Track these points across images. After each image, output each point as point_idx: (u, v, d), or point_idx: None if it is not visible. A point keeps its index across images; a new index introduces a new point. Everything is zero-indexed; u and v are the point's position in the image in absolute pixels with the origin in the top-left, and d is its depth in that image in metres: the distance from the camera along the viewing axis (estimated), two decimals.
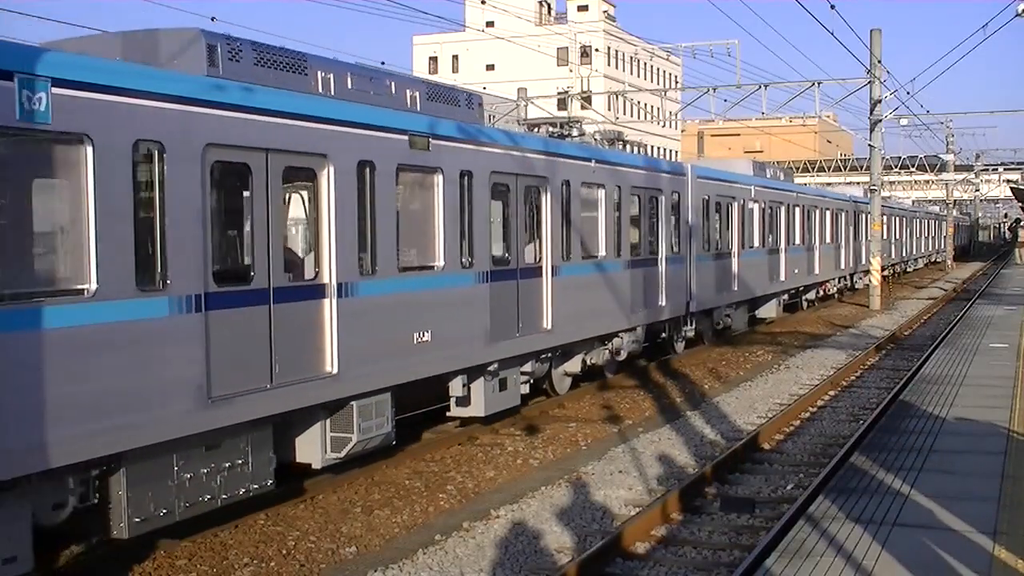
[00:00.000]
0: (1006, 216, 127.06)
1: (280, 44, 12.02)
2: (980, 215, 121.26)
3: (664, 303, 21.71)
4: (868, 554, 7.98)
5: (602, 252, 18.74)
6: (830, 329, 31.50)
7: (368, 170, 12.22)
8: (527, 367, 16.43)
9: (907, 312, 36.99)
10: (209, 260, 9.98)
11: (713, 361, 24.07)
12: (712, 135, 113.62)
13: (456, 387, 14.47)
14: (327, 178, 11.58)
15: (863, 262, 44.13)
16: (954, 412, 13.92)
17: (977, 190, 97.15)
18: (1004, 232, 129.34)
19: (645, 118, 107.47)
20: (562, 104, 69.57)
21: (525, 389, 16.49)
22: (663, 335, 22.97)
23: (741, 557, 9.83)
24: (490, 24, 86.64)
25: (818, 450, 14.82)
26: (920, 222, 69.87)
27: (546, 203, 16.65)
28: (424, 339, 13.24)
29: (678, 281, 22.54)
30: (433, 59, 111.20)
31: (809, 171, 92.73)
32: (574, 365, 18.44)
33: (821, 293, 39.01)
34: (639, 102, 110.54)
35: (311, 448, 11.88)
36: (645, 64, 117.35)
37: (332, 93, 12.11)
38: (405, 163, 13.03)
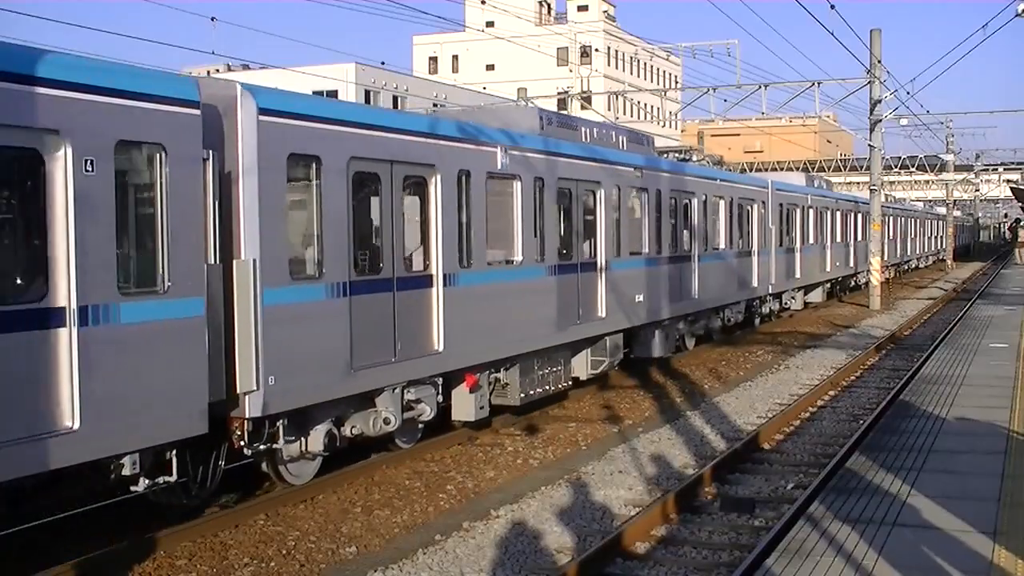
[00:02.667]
0: (1006, 216, 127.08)
1: (280, 44, 12.77)
2: (980, 215, 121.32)
3: (756, 285, 28.68)
4: (868, 554, 7.98)
5: (723, 246, 25.60)
6: (830, 329, 31.50)
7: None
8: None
9: (907, 312, 36.99)
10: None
11: (713, 361, 24.07)
12: (712, 135, 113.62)
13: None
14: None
15: (887, 257, 50.90)
16: (954, 412, 13.92)
17: (977, 190, 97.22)
18: (1004, 232, 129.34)
19: (645, 118, 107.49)
20: (562, 104, 69.60)
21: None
22: (753, 309, 29.80)
23: (741, 557, 9.83)
24: (490, 24, 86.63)
25: (818, 450, 14.82)
26: (927, 222, 72.70)
27: (696, 209, 23.68)
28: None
29: (762, 271, 29.09)
30: (433, 59, 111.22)
31: (809, 171, 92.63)
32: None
33: (853, 283, 44.12)
34: (639, 102, 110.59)
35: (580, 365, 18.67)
36: (645, 64, 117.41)
37: (587, 140, 18.79)
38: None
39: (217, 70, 67.10)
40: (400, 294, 12.98)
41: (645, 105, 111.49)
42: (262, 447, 11.13)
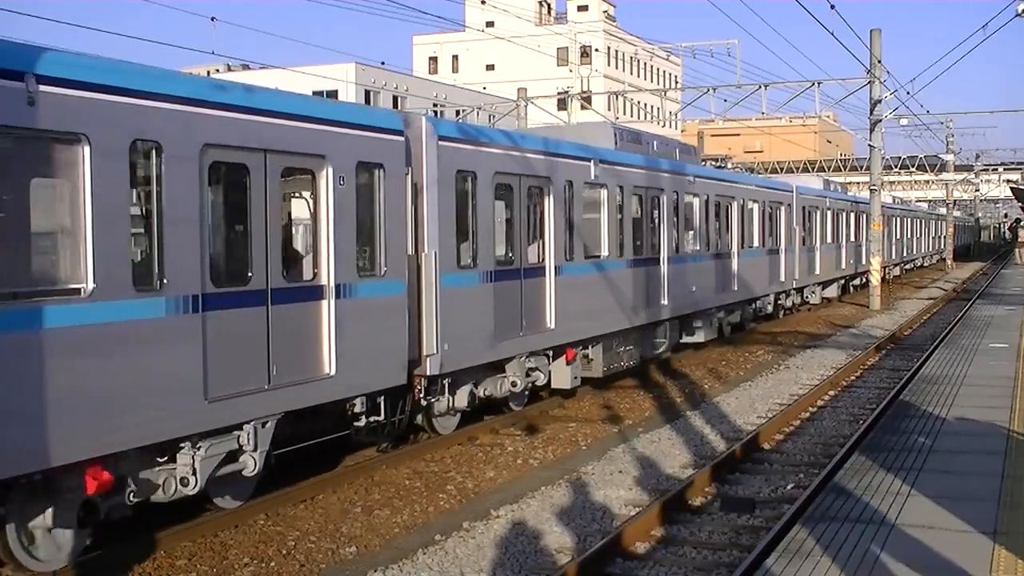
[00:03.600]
0: (1006, 216, 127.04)
1: (280, 44, 12.81)
2: (980, 215, 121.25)
3: (784, 279, 31.98)
4: (868, 554, 7.98)
5: (756, 244, 28.81)
6: (830, 329, 31.50)
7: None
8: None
9: (907, 312, 36.99)
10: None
11: (713, 361, 24.07)
12: (712, 135, 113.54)
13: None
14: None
15: (897, 255, 56.72)
16: (954, 412, 13.91)
17: (977, 190, 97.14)
18: (1004, 232, 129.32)
19: (645, 118, 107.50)
20: (562, 104, 69.59)
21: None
22: (779, 302, 32.69)
23: (741, 557, 9.83)
24: (490, 24, 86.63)
25: (818, 450, 14.82)
26: (930, 223, 74.95)
27: (735, 212, 26.62)
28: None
29: (788, 267, 32.20)
30: (433, 59, 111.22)
31: (809, 171, 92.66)
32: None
33: (864, 280, 45.72)
34: (639, 102, 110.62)
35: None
36: (645, 64, 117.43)
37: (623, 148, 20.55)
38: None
39: (217, 70, 67.07)
40: (526, 281, 16.21)
41: (645, 105, 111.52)
42: (433, 399, 14.29)
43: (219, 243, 11.02)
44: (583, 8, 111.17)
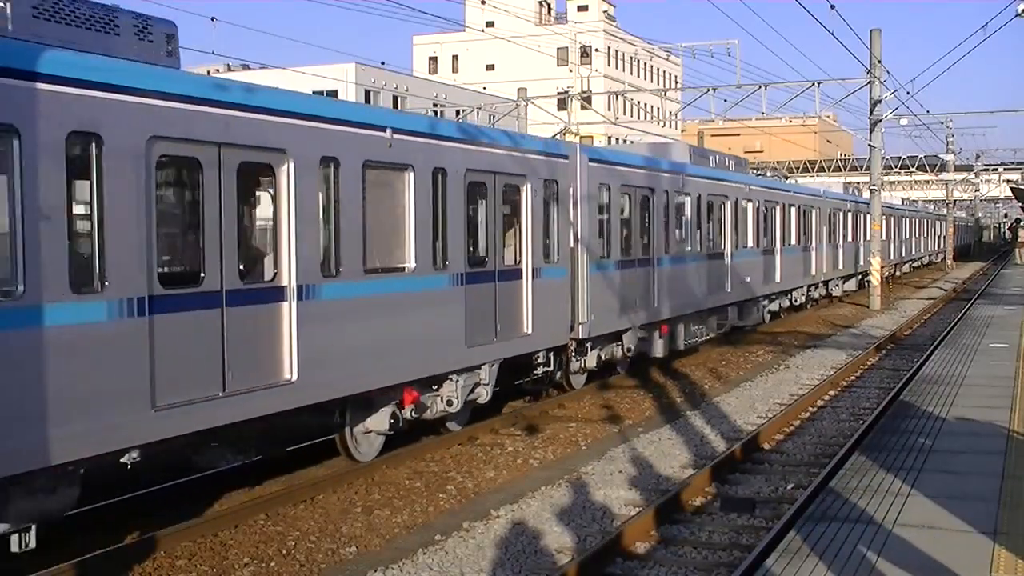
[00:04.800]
0: (1006, 216, 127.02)
1: (280, 44, 12.63)
2: (980, 215, 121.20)
3: (814, 273, 35.87)
4: (868, 554, 7.98)
5: (792, 242, 32.62)
6: (830, 329, 31.51)
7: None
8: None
9: (907, 312, 36.99)
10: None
11: (713, 361, 24.07)
12: (712, 135, 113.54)
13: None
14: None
15: (905, 254, 62.29)
16: (954, 412, 13.91)
17: (977, 190, 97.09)
18: (1004, 232, 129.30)
19: (645, 118, 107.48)
20: (562, 104, 69.59)
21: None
22: (809, 293, 36.53)
23: (741, 557, 9.83)
24: (490, 24, 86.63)
25: (818, 450, 14.82)
26: (936, 223, 77.86)
27: (778, 214, 30.82)
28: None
29: (817, 263, 36.18)
30: (433, 59, 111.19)
31: (809, 171, 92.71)
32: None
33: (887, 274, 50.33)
34: (639, 102, 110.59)
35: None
36: (645, 64, 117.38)
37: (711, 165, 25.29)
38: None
39: (217, 70, 67.01)
40: (638, 270, 20.47)
41: (645, 105, 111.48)
42: (580, 358, 18.52)
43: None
44: (583, 8, 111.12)
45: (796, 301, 34.89)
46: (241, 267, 10.75)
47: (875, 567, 7.69)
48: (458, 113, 51.21)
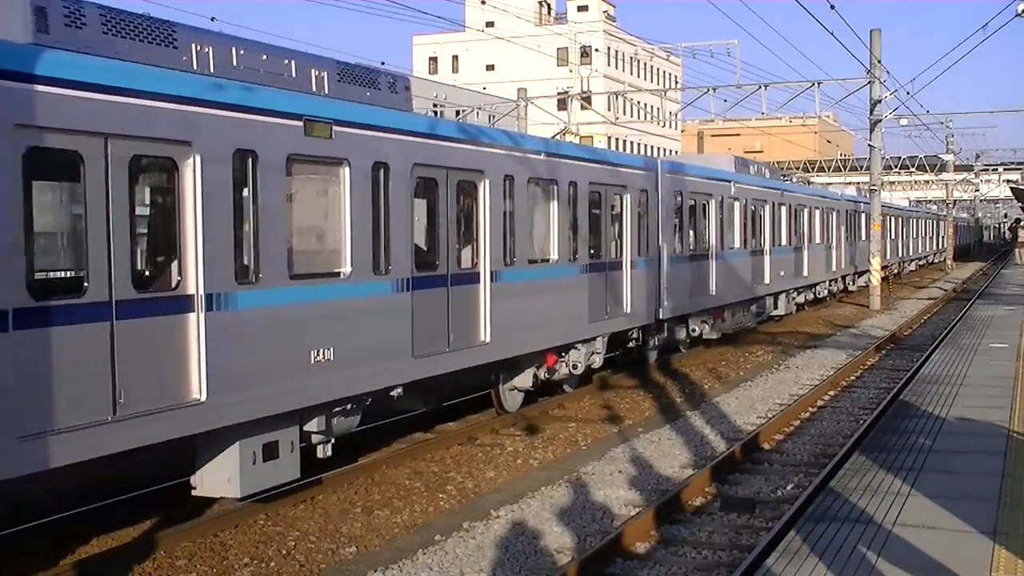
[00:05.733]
0: (1006, 216, 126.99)
1: (279, 44, 12.21)
2: (980, 215, 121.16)
3: (835, 268, 39.76)
4: (868, 554, 7.98)
5: (817, 240, 36.14)
6: (830, 329, 31.51)
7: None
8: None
9: (907, 312, 36.99)
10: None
11: (713, 361, 24.07)
12: (712, 135, 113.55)
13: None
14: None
15: (911, 252, 65.56)
16: (954, 412, 13.91)
17: (977, 190, 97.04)
18: (1004, 232, 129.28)
19: (645, 118, 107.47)
20: (562, 104, 69.56)
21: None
22: (830, 287, 40.16)
23: (741, 557, 9.83)
24: (490, 24, 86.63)
25: (818, 450, 14.81)
26: (940, 223, 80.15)
27: (806, 216, 34.69)
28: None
29: (838, 259, 40.09)
30: (433, 59, 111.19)
31: (809, 171, 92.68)
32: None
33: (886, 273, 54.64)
34: (639, 102, 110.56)
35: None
36: (645, 64, 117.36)
37: (734, 169, 28.02)
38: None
39: None
40: (700, 263, 23.80)
41: (645, 105, 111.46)
42: (657, 336, 21.97)
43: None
44: (583, 8, 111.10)
45: (819, 294, 38.25)
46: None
47: (875, 567, 7.68)
48: (458, 113, 51.18)
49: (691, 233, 23.39)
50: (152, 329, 9.44)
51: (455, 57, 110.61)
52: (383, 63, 24.40)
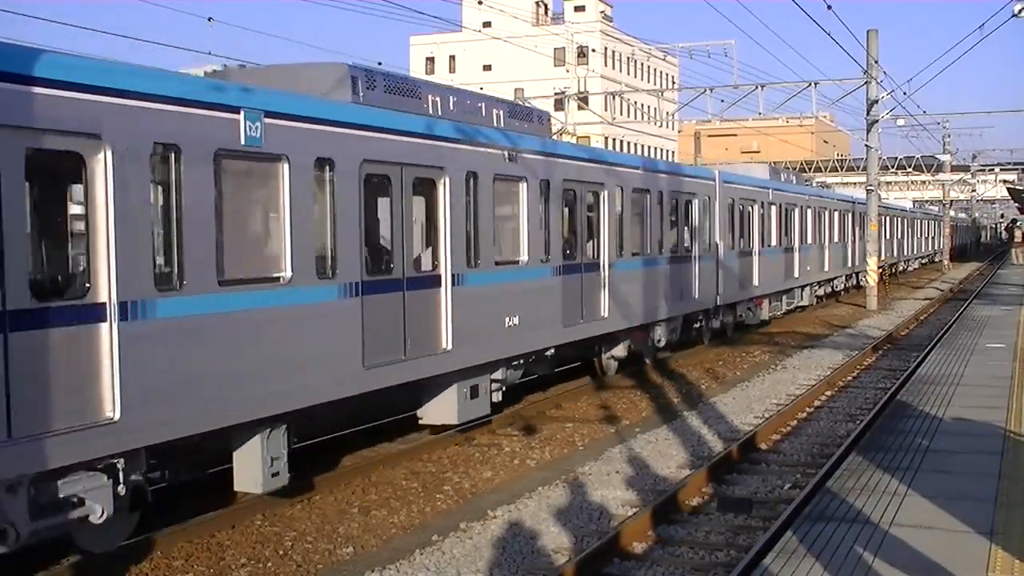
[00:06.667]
0: (1002, 216, 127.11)
1: (277, 44, 12.40)
2: (977, 215, 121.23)
3: (850, 265, 43.84)
4: (865, 554, 7.98)
5: (836, 239, 40.46)
6: (827, 329, 31.52)
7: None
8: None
9: (904, 312, 37.00)
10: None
11: (710, 361, 24.08)
12: (709, 135, 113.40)
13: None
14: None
15: (914, 252, 69.44)
16: (951, 412, 13.92)
17: (973, 190, 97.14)
18: (1000, 232, 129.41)
19: (642, 118, 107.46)
20: (559, 105, 69.53)
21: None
22: (847, 281, 44.91)
23: (738, 557, 9.83)
24: (487, 24, 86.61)
25: (815, 450, 14.82)
26: (940, 223, 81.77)
27: (837, 218, 40.71)
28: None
29: (853, 256, 44.15)
30: (430, 59, 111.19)
31: (806, 171, 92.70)
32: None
33: (901, 267, 62.04)
34: (636, 102, 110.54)
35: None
36: (642, 64, 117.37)
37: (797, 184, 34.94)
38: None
39: (215, 70, 66.69)
40: (746, 258, 28.09)
41: (642, 106, 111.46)
42: (715, 319, 26.17)
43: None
44: (580, 8, 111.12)
45: (836, 287, 42.57)
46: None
47: (872, 567, 7.69)
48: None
49: (739, 232, 27.45)
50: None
51: (452, 57, 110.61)
52: (380, 63, 24.36)
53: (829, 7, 28.88)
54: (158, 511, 11.22)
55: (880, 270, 48.68)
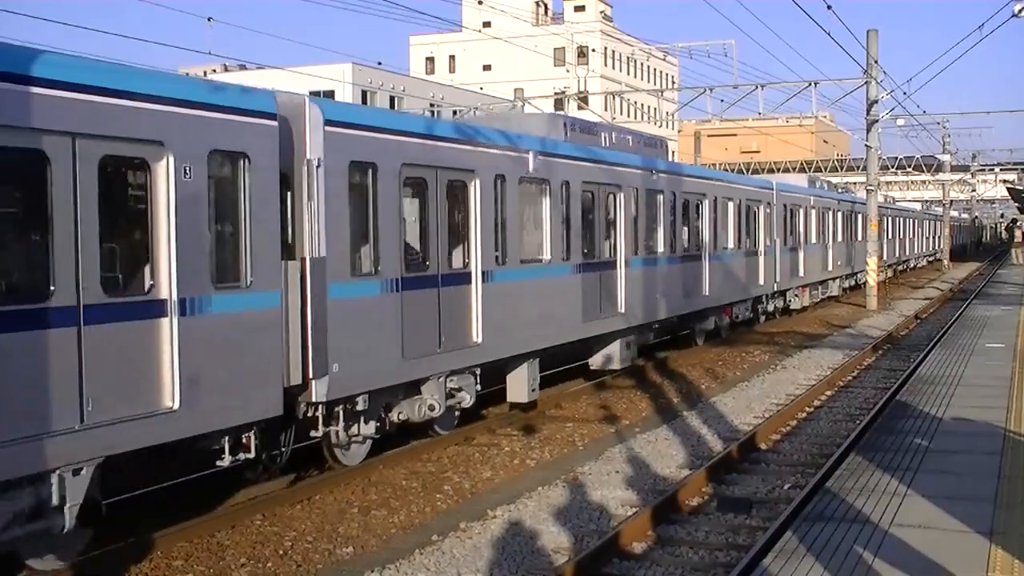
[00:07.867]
0: (1002, 216, 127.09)
1: (277, 44, 12.36)
2: (976, 215, 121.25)
3: (855, 268, 45.43)
4: (865, 554, 7.98)
5: (839, 239, 41.96)
6: (827, 329, 31.51)
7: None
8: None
9: (904, 312, 36.99)
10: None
11: (710, 361, 24.07)
12: (709, 135, 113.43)
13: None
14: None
15: (916, 251, 71.70)
16: (951, 412, 13.92)
17: (973, 190, 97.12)
18: (1000, 232, 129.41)
19: (642, 118, 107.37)
20: (559, 104, 69.56)
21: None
22: (856, 277, 46.72)
23: (738, 557, 9.83)
24: (487, 24, 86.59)
25: (815, 450, 14.82)
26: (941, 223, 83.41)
27: (852, 220, 44.61)
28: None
29: (860, 255, 44.05)
30: (430, 59, 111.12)
31: (806, 172, 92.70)
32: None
33: (905, 266, 64.69)
34: (636, 102, 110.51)
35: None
36: (642, 64, 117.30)
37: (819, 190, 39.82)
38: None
39: (214, 70, 66.85)
40: (792, 253, 32.87)
41: (642, 105, 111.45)
42: (772, 302, 31.86)
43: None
44: (580, 8, 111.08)
45: (860, 281, 44.98)
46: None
47: (872, 567, 7.69)
48: (455, 113, 51.18)
49: (789, 230, 32.97)
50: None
51: (452, 57, 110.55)
52: (380, 63, 24.44)
53: (829, 7, 28.91)
54: (160, 511, 11.23)
55: (887, 268, 50.14)
